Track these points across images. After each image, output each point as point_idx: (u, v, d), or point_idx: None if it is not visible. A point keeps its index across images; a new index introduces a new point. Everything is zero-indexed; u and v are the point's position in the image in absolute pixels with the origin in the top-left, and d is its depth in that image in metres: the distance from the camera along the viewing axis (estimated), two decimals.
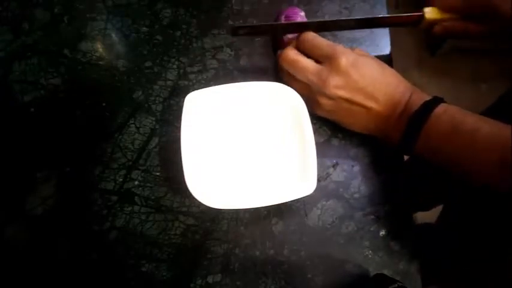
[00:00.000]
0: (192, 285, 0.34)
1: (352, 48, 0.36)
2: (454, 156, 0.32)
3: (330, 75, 0.34)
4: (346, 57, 0.34)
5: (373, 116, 0.35)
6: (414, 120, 0.33)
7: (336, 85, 0.34)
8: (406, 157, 0.40)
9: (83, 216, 0.36)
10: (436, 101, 0.33)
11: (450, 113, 0.32)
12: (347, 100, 0.34)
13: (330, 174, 0.38)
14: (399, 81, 0.35)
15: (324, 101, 0.35)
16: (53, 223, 0.36)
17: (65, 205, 0.36)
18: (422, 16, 0.38)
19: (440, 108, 0.32)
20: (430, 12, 0.38)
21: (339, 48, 0.35)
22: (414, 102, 0.33)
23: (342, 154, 0.39)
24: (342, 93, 0.34)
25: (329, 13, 0.44)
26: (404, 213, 0.37)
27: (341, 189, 0.38)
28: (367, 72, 0.34)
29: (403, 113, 0.34)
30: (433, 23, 0.38)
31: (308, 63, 0.35)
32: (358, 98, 0.34)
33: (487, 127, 0.31)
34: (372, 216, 0.37)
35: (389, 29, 0.44)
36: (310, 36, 0.36)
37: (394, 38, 0.44)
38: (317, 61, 0.36)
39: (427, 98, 0.33)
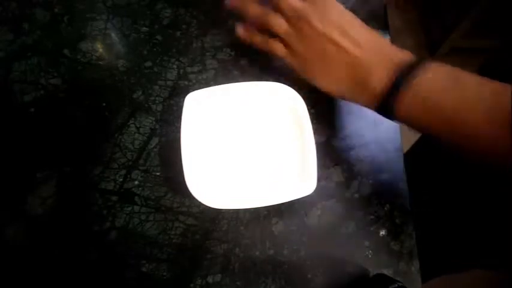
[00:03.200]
0: (192, 285, 0.34)
1: None
2: (449, 110, 0.28)
3: (311, 10, 0.33)
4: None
5: (352, 61, 0.32)
6: (404, 70, 0.29)
7: (318, 17, 0.33)
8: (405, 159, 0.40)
9: (83, 216, 0.36)
10: (424, 59, 0.30)
11: (446, 68, 0.29)
12: (322, 34, 0.33)
13: (330, 174, 0.38)
14: (383, 37, 0.34)
15: (302, 40, 0.34)
16: (53, 223, 0.36)
17: (65, 205, 0.36)
18: None
19: (434, 63, 0.30)
20: None
21: None
22: (402, 55, 0.31)
23: (342, 154, 0.39)
24: (320, 26, 0.33)
25: None
26: (404, 213, 0.37)
27: (341, 189, 0.38)
28: (349, 16, 0.34)
29: (388, 63, 0.31)
30: None
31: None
32: (337, 36, 0.32)
33: (479, 79, 0.28)
34: (372, 216, 0.37)
35: (389, 29, 0.45)
36: None
37: (394, 38, 0.44)
38: None
39: (412, 55, 0.31)
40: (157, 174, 0.38)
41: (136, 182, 0.37)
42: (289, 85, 0.36)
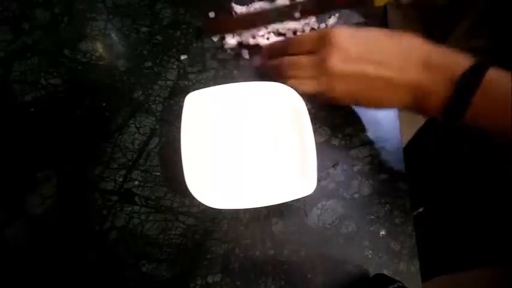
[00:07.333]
0: (192, 285, 0.34)
1: None
2: None
3: (328, 54, 0.32)
4: (339, 32, 0.32)
5: (395, 86, 0.31)
6: (462, 86, 0.28)
7: (338, 60, 0.32)
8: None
9: (83, 216, 0.36)
10: (483, 65, 0.29)
11: (504, 75, 0.28)
12: (357, 74, 0.31)
13: (330, 174, 0.38)
14: (416, 44, 0.31)
15: (337, 83, 0.33)
16: (53, 223, 0.36)
17: (65, 205, 0.36)
18: None
19: (492, 72, 0.28)
20: None
21: (328, 29, 0.33)
22: (452, 64, 0.29)
23: (342, 154, 0.39)
24: (348, 67, 0.32)
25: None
26: (404, 213, 0.37)
27: (341, 189, 0.38)
28: (370, 40, 0.32)
29: (439, 77, 0.29)
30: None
31: (304, 57, 0.34)
32: (368, 68, 0.31)
33: None
34: (372, 216, 0.37)
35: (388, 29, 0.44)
36: (292, 38, 0.35)
37: None
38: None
39: (467, 59, 0.29)
40: (157, 174, 0.38)
41: (136, 182, 0.37)
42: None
